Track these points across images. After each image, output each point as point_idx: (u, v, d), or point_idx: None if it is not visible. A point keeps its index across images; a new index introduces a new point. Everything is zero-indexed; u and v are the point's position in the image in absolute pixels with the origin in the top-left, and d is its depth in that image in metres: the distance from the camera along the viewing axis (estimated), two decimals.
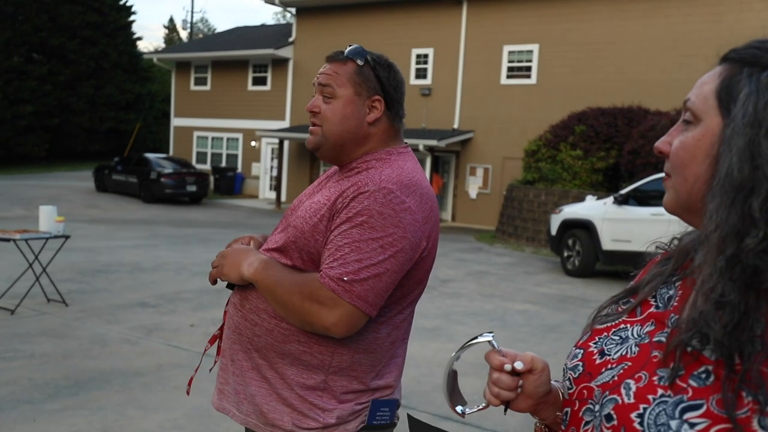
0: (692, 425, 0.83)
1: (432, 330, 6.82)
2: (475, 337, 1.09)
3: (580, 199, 13.11)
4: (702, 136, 0.93)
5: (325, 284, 1.50)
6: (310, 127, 1.73)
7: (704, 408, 0.83)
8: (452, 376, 1.12)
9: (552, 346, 6.43)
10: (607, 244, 10.75)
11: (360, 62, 1.67)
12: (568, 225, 11.50)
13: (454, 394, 1.12)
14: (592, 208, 11.32)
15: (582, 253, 11.14)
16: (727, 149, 0.88)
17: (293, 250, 1.62)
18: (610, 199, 11.01)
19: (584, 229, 11.20)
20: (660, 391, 0.87)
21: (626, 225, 10.44)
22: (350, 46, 1.71)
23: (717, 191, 0.88)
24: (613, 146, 15.12)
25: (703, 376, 0.85)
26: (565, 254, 11.52)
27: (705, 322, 0.85)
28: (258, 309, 1.62)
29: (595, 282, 10.71)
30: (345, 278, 1.48)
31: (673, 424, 0.84)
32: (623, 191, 10.90)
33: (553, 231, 11.82)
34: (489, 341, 1.07)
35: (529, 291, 9.54)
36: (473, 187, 19.67)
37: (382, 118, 1.69)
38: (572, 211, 11.66)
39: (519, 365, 1.01)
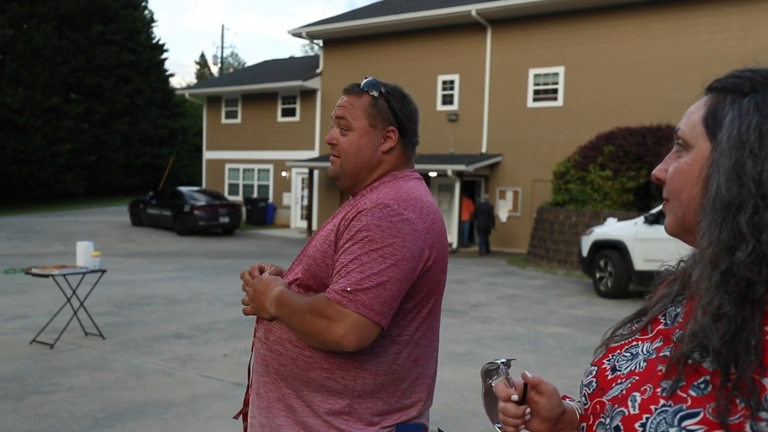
0: None
1: (463, 355, 6.82)
2: (492, 362, 1.14)
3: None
4: (693, 161, 1.00)
5: (331, 298, 1.55)
6: (331, 157, 1.84)
7: (701, 415, 0.88)
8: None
9: (585, 369, 6.36)
10: (639, 264, 10.63)
11: (375, 94, 1.77)
12: (600, 246, 11.41)
13: (497, 411, 1.13)
14: (622, 228, 11.21)
15: (614, 274, 11.03)
16: (715, 171, 0.94)
17: (309, 278, 1.69)
18: (641, 218, 10.90)
19: (616, 249, 11.10)
20: (662, 402, 0.92)
21: (658, 244, 10.29)
22: (366, 78, 1.80)
23: (708, 210, 0.94)
24: (643, 165, 14.99)
25: (702, 386, 0.90)
26: (597, 275, 11.41)
27: (704, 334, 0.90)
28: (282, 339, 1.68)
29: (628, 303, 10.57)
30: (348, 289, 1.53)
31: (672, 431, 0.89)
32: (654, 210, 10.78)
33: (585, 252, 11.73)
34: (499, 368, 1.12)
35: (561, 313, 9.47)
36: (503, 210, 19.60)
37: (396, 147, 1.79)
38: (603, 232, 11.56)
39: (515, 398, 1.08)
